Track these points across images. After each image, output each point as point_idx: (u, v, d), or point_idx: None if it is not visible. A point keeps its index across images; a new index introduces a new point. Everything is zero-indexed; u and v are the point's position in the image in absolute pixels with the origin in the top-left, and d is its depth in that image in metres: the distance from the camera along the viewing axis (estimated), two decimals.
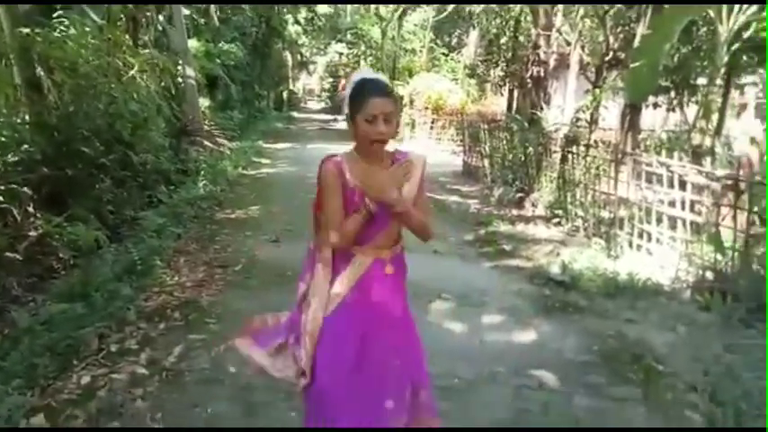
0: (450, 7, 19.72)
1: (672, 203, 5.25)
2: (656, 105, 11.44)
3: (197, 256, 5.43)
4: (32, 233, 4.89)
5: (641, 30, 6.99)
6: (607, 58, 9.87)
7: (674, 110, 11.59)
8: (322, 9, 29.83)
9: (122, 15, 9.25)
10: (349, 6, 27.62)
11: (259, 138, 16.88)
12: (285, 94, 37.11)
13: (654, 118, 12.41)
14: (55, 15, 6.17)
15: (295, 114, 33.78)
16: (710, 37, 7.83)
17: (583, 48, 11.69)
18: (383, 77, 2.05)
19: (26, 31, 5.69)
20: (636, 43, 7.15)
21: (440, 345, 3.70)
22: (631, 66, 6.16)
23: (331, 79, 40.22)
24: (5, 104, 5.86)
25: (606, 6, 9.98)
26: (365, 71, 2.08)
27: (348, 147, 2.03)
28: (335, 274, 1.99)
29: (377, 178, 1.89)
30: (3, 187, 4.82)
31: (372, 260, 1.97)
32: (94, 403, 2.79)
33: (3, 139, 5.33)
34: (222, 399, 2.93)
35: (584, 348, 3.75)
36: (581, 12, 10.69)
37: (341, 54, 30.64)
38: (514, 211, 8.10)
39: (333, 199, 1.93)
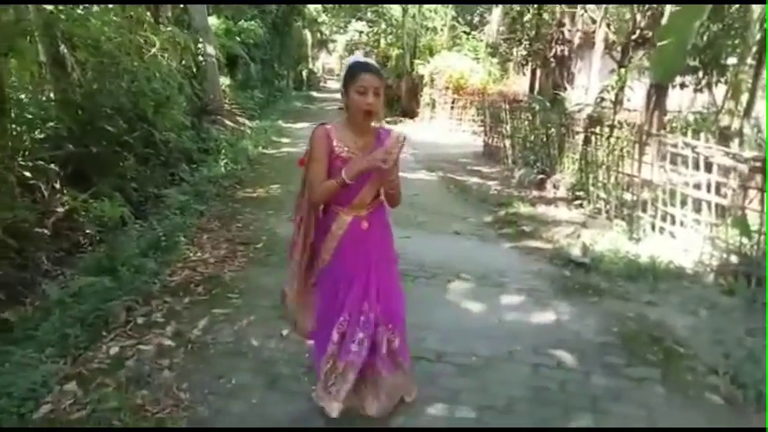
0: None
1: (697, 186, 5.16)
2: (683, 86, 11.15)
3: (219, 233, 5.51)
4: (60, 209, 5.01)
5: (670, 7, 6.80)
6: (633, 37, 9.63)
7: (701, 90, 11.28)
8: None
9: None
10: None
11: (279, 117, 16.93)
12: (305, 74, 37.01)
13: (681, 99, 12.11)
14: None
15: (314, 94, 33.73)
16: (743, 14, 7.59)
17: (608, 26, 11.40)
18: (373, 61, 2.43)
19: (50, 8, 5.75)
20: (664, 21, 6.96)
21: (458, 323, 3.74)
22: (658, 44, 6.00)
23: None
24: (31, 82, 5.95)
25: None
26: (359, 55, 2.49)
27: None
28: (327, 230, 2.42)
29: (367, 155, 2.27)
30: (31, 163, 4.93)
31: (351, 218, 2.39)
32: (124, 372, 2.88)
33: (29, 116, 5.42)
34: (246, 371, 3.00)
35: (603, 329, 3.75)
36: None
37: (361, 32, 30.34)
38: (535, 193, 8.05)
39: (317, 163, 2.31)
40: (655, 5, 9.01)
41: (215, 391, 2.81)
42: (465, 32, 19.58)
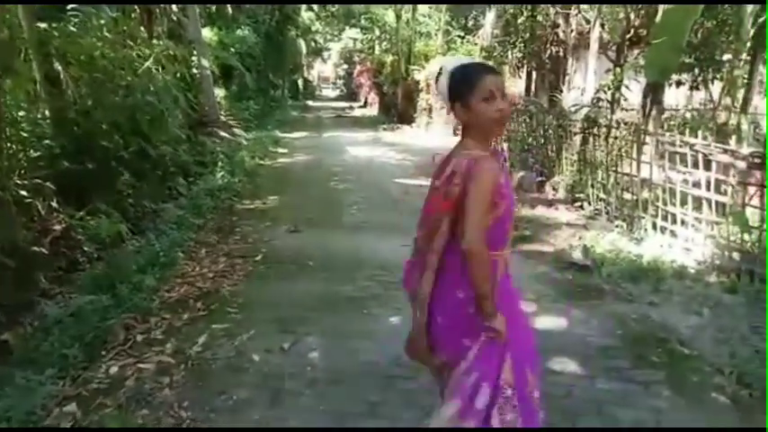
0: None
1: (696, 184, 5.14)
2: (679, 83, 11.15)
3: (217, 246, 5.48)
4: (56, 227, 4.98)
5: (663, 5, 6.80)
6: (628, 36, 9.62)
7: (698, 88, 11.28)
8: None
9: (136, 7, 9.30)
10: None
11: (275, 127, 16.93)
12: (300, 83, 37.14)
13: (677, 96, 12.10)
14: (69, 8, 6.21)
15: (310, 103, 33.82)
16: (736, 11, 7.59)
17: (603, 26, 11.41)
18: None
19: (43, 25, 5.75)
20: (658, 19, 6.96)
21: None
22: (653, 43, 5.99)
23: (346, 66, 40.04)
24: (26, 99, 5.93)
25: None
26: (454, 59, 1.96)
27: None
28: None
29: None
30: (27, 182, 4.91)
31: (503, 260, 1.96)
32: (124, 392, 2.86)
33: (25, 134, 5.40)
34: (247, 386, 2.97)
35: (607, 332, 3.72)
36: None
37: (355, 40, 30.48)
38: (535, 195, 8.02)
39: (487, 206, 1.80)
40: (648, 5, 9.02)
41: (216, 408, 2.77)
42: (459, 36, 19.61)
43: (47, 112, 5.94)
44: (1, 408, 2.56)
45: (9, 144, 4.97)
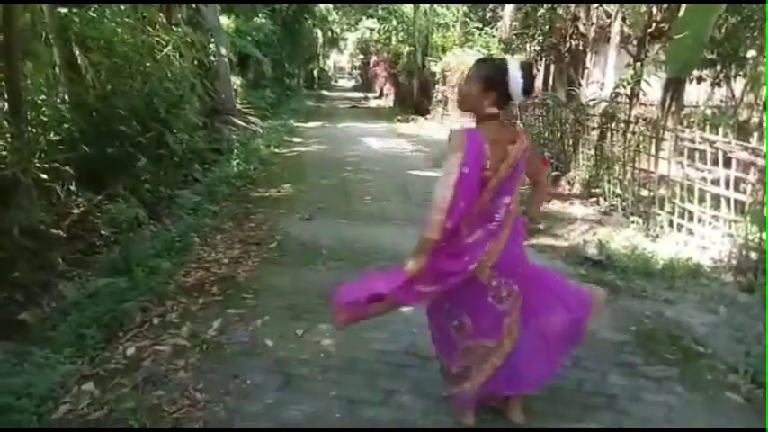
0: None
1: (715, 182, 5.07)
2: (700, 79, 10.98)
3: (233, 233, 5.53)
4: (75, 211, 5.06)
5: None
6: (650, 30, 9.48)
7: (720, 84, 11.09)
8: None
9: None
10: None
11: (290, 116, 16.96)
12: (315, 72, 37.13)
13: (698, 93, 11.90)
14: None
15: (326, 93, 33.84)
16: (761, 6, 7.44)
17: (624, 19, 11.25)
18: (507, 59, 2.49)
19: (64, 10, 5.79)
20: (680, 14, 6.85)
21: None
22: (675, 38, 5.91)
23: (362, 56, 39.81)
24: (46, 84, 5.99)
25: None
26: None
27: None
28: None
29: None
30: (46, 165, 4.97)
31: None
32: (140, 372, 2.90)
33: (44, 118, 5.47)
34: (260, 371, 3.00)
35: (620, 328, 3.70)
36: None
37: (372, 30, 30.26)
38: (550, 190, 7.96)
39: None
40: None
41: (230, 391, 2.81)
42: (477, 28, 19.44)
43: (66, 97, 6.01)
44: (21, 383, 2.62)
45: (29, 128, 5.03)
